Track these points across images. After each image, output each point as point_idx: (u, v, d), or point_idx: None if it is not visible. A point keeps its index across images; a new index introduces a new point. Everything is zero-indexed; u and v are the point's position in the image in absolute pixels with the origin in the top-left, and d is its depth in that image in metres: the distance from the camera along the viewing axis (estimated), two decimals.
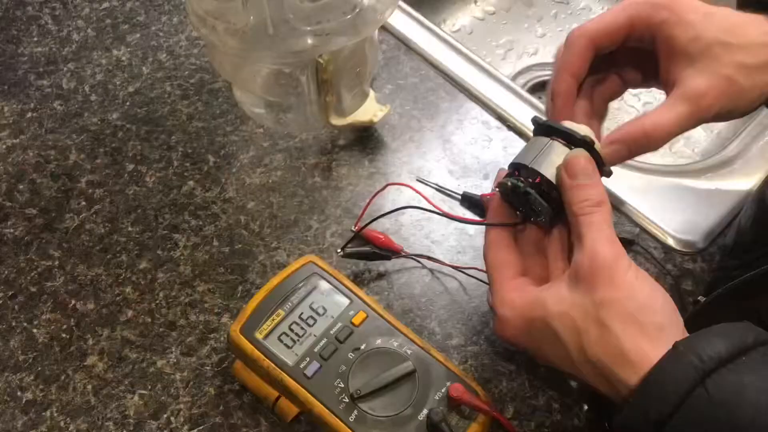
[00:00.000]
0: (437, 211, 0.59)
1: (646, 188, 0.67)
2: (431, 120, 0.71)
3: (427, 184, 0.66)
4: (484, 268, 0.49)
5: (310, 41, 0.57)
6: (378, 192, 0.62)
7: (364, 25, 0.58)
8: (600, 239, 0.42)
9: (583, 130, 0.46)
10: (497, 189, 0.48)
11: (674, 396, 0.36)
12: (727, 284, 0.48)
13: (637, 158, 0.71)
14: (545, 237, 0.48)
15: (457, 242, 0.62)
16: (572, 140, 0.46)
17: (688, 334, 0.40)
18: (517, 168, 0.47)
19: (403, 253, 0.60)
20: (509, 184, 0.46)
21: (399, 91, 0.73)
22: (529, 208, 0.47)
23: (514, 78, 0.97)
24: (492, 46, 1.00)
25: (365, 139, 0.69)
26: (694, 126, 0.45)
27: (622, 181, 0.67)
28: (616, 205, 0.65)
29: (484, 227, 0.50)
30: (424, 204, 0.62)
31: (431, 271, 0.60)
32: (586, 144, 0.45)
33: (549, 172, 0.45)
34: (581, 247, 0.42)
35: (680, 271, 0.61)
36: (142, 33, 0.77)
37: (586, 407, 0.53)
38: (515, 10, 1.03)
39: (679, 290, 0.60)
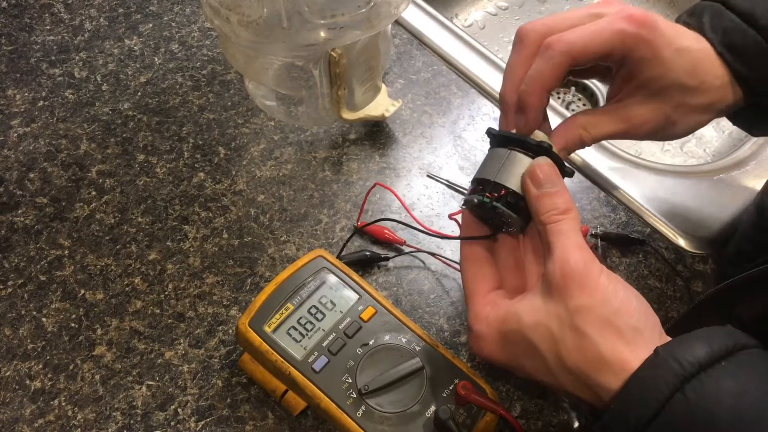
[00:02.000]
0: (414, 226, 0.59)
1: (658, 188, 0.66)
2: (443, 116, 0.71)
3: (437, 180, 0.65)
4: None
5: (323, 34, 0.57)
6: (369, 191, 0.63)
7: (378, 19, 0.58)
8: (569, 246, 0.41)
9: (538, 135, 0.46)
10: (464, 206, 0.48)
11: (654, 402, 0.36)
12: (710, 290, 0.48)
13: (649, 158, 0.71)
14: (520, 246, 0.48)
15: None
16: (529, 147, 0.45)
17: (664, 334, 0.41)
18: (480, 183, 0.47)
19: (405, 247, 0.60)
20: (475, 200, 0.46)
21: (411, 86, 0.73)
22: (499, 220, 0.47)
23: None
24: (504, 42, 0.99)
25: (376, 134, 0.69)
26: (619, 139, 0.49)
27: (632, 181, 0.66)
28: (627, 205, 0.65)
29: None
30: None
31: (440, 267, 0.60)
32: (544, 149, 0.45)
33: (513, 183, 0.45)
34: (551, 256, 0.42)
35: (691, 272, 0.61)
36: (155, 23, 0.76)
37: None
38: (528, 5, 1.03)
39: (689, 291, 0.60)
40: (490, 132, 0.48)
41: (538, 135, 0.46)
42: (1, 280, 0.58)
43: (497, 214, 0.45)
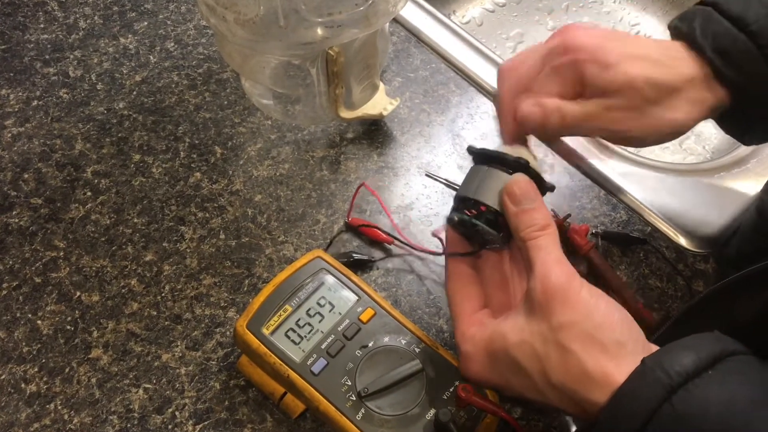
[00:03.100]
0: (399, 238, 0.59)
1: (659, 187, 0.66)
2: (441, 114, 0.70)
3: (436, 179, 0.65)
4: None
5: (320, 32, 0.56)
6: (357, 191, 0.62)
7: (375, 17, 0.57)
8: (549, 262, 0.42)
9: (516, 151, 0.47)
10: (448, 224, 0.49)
11: (642, 413, 0.36)
12: (708, 289, 0.48)
13: (649, 156, 0.71)
14: (505, 262, 0.48)
15: None
16: (508, 164, 0.46)
17: (650, 345, 0.40)
18: (461, 201, 0.47)
19: (394, 247, 0.60)
20: (456, 218, 0.47)
21: (409, 84, 0.72)
22: (481, 237, 0.47)
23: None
24: (502, 39, 0.99)
25: (374, 133, 0.68)
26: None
27: (633, 180, 0.66)
28: (627, 204, 0.65)
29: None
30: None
31: (439, 268, 0.60)
32: (522, 166, 0.46)
33: (491, 199, 0.45)
34: (532, 273, 0.42)
35: (692, 271, 0.61)
36: (150, 21, 0.76)
37: None
38: (526, 2, 1.02)
39: (690, 290, 0.59)
40: (470, 150, 0.49)
41: (521, 152, 0.47)
42: None
43: (478, 231, 0.46)
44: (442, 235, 0.53)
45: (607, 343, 0.39)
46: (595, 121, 0.47)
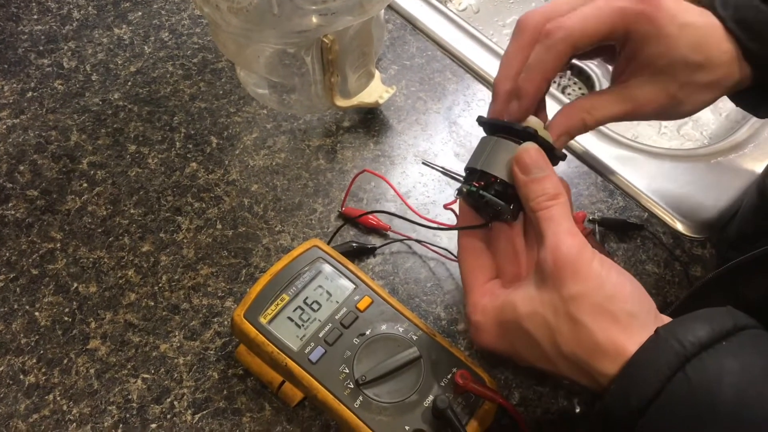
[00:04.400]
0: (407, 216, 0.58)
1: (655, 172, 0.66)
2: (438, 102, 0.70)
3: (432, 167, 0.65)
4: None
5: (314, 20, 0.56)
6: (355, 177, 0.62)
7: (370, 4, 0.57)
8: (560, 233, 0.41)
9: (530, 121, 0.46)
10: (458, 196, 0.48)
11: (655, 382, 0.36)
12: (716, 270, 0.48)
13: (646, 142, 0.71)
14: (516, 234, 0.47)
15: None
16: (516, 134, 0.45)
17: (661, 317, 0.40)
18: (470, 172, 0.46)
19: (391, 234, 0.60)
20: (464, 190, 0.46)
21: (405, 72, 0.72)
22: (491, 209, 0.46)
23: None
24: (499, 26, 0.98)
25: (370, 121, 0.68)
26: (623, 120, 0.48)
27: (630, 166, 0.66)
28: (624, 189, 0.64)
29: None
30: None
31: (436, 255, 0.60)
32: (530, 135, 0.45)
33: (500, 170, 0.45)
34: (543, 244, 0.42)
35: (689, 256, 0.61)
36: (144, 11, 0.75)
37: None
38: None
39: (688, 276, 0.59)
40: (479, 120, 0.48)
41: (531, 121, 0.46)
42: None
43: (486, 202, 0.45)
44: (455, 208, 0.52)
45: (618, 314, 0.39)
46: (626, 109, 0.47)
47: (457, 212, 0.49)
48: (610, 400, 0.38)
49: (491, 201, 0.45)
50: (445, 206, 0.59)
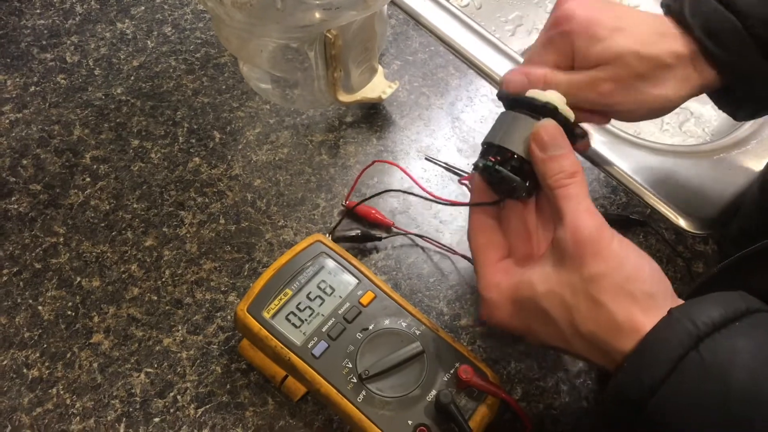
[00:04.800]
0: (420, 194, 0.58)
1: (658, 168, 0.66)
2: (440, 97, 0.70)
3: (435, 163, 0.65)
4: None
5: (318, 15, 0.56)
6: (365, 169, 0.62)
7: (373, 0, 0.56)
8: (579, 212, 0.41)
9: (546, 96, 0.45)
10: (474, 171, 0.48)
11: (667, 360, 0.36)
12: (718, 265, 0.48)
13: (649, 138, 0.71)
14: (530, 212, 0.47)
15: (465, 222, 0.61)
16: (535, 109, 0.44)
17: (678, 299, 0.40)
18: (487, 147, 0.46)
19: (394, 229, 0.60)
20: (480, 165, 0.46)
21: (408, 68, 0.72)
22: (506, 186, 0.46)
23: (523, 54, 0.95)
24: (501, 22, 0.98)
25: (373, 116, 0.68)
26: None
27: (632, 161, 0.66)
28: (627, 186, 0.64)
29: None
30: (420, 185, 0.61)
31: (439, 250, 0.60)
32: (550, 111, 0.44)
33: (517, 146, 0.44)
34: (562, 222, 0.41)
35: (692, 253, 0.61)
36: (147, 6, 0.75)
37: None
38: None
39: (690, 272, 0.59)
40: (500, 94, 0.48)
41: (552, 97, 0.45)
42: None
43: (503, 178, 0.45)
44: (471, 183, 0.51)
45: (637, 294, 0.39)
46: (582, 92, 0.47)
47: (471, 188, 0.49)
48: (623, 377, 0.38)
49: (507, 177, 0.44)
50: (460, 181, 0.58)
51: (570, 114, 0.45)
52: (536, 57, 0.49)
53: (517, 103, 0.46)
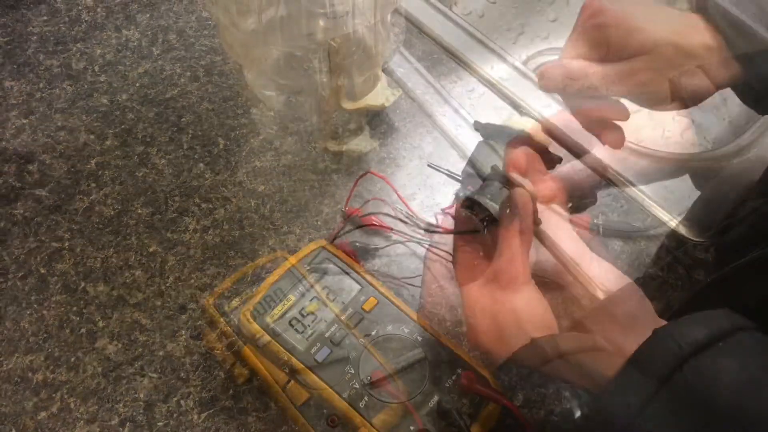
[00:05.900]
0: (404, 219, 0.59)
1: (659, 176, 0.66)
2: (443, 104, 0.70)
3: (438, 170, 0.65)
4: None
5: (322, 24, 0.56)
6: (358, 179, 0.62)
7: (377, 8, 0.57)
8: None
9: (522, 124, 0.49)
10: (455, 201, 0.49)
11: (653, 381, 0.36)
12: (714, 275, 0.48)
13: (650, 146, 0.71)
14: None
15: None
16: (510, 137, 0.47)
17: (660, 321, 0.41)
18: (466, 176, 0.49)
19: (393, 234, 0.61)
20: (460, 194, 0.48)
21: (411, 75, 0.72)
22: (485, 214, 0.47)
23: (525, 62, 0.95)
24: (503, 30, 0.99)
25: (376, 124, 0.68)
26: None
27: (634, 169, 0.66)
28: (628, 193, 0.65)
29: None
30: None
31: (441, 257, 0.60)
32: (524, 137, 0.47)
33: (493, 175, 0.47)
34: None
35: (692, 260, 0.61)
36: (152, 13, 0.76)
37: None
38: None
39: (690, 279, 0.59)
40: (476, 125, 0.50)
41: (525, 124, 0.48)
42: (1, 273, 0.58)
43: (480, 207, 0.46)
44: (453, 212, 0.53)
45: (618, 316, 0.40)
46: (620, 82, 0.48)
47: (453, 216, 0.50)
48: (609, 400, 0.38)
49: (485, 206, 0.46)
50: (444, 210, 0.59)
51: (545, 139, 0.48)
52: (571, 50, 0.50)
53: (492, 132, 0.48)
